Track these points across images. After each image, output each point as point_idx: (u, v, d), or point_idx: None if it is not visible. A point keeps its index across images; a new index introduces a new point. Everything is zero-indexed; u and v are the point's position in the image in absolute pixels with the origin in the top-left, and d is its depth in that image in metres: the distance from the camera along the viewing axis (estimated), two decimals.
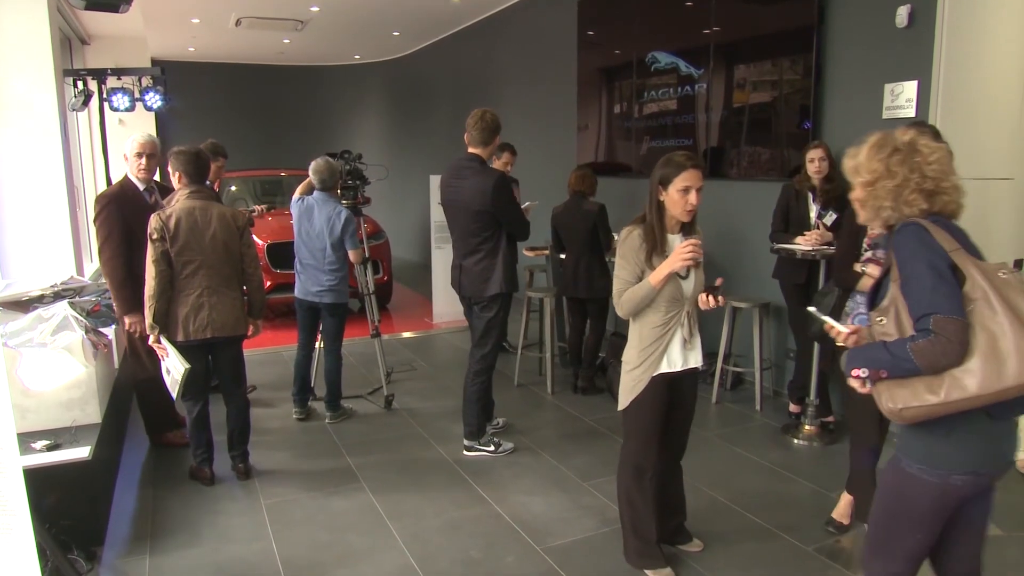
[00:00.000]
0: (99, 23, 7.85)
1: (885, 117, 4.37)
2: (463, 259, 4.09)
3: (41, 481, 2.69)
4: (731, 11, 5.41)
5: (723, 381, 5.19)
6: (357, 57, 13.17)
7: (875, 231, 2.73)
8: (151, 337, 3.61)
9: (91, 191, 7.76)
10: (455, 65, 10.40)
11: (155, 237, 3.54)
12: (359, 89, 13.91)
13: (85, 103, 6.06)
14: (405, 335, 7.26)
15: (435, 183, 6.32)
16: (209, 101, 13.07)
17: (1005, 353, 1.72)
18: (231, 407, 3.93)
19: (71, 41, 7.68)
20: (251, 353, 5.50)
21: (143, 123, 8.62)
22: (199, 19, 9.35)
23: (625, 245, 2.76)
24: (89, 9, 4.66)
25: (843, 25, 4.59)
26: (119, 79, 6.52)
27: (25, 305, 3.55)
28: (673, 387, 2.85)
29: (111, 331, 4.16)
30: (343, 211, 4.54)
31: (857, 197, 2.00)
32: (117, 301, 3.93)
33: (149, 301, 3.55)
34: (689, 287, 2.76)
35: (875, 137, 1.97)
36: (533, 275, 6.35)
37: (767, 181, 5.02)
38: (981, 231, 2.15)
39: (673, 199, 2.68)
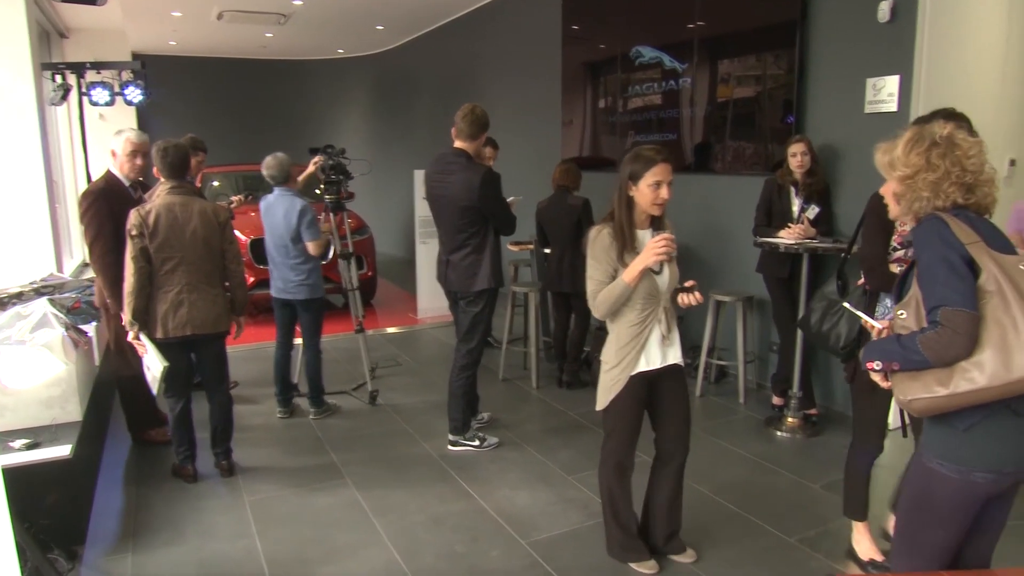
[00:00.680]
0: (78, 16, 7.76)
1: (867, 112, 4.40)
2: (450, 254, 4.08)
3: (22, 480, 2.66)
4: (715, 6, 5.42)
5: (707, 375, 5.22)
6: (341, 51, 13.10)
7: (906, 228, 2.68)
8: (130, 334, 3.58)
9: (71, 186, 7.68)
10: (439, 60, 10.36)
11: (134, 233, 3.50)
12: (343, 84, 13.84)
13: (64, 97, 5.99)
14: (390, 330, 7.24)
15: (419, 178, 6.29)
16: (191, 96, 12.96)
17: (1015, 346, 1.71)
18: (214, 404, 3.90)
19: (49, 34, 7.58)
20: (234, 349, 5.46)
21: (124, 118, 8.54)
22: (180, 12, 9.26)
23: (596, 245, 2.73)
24: (66, 1, 4.61)
25: (826, 20, 4.61)
26: (98, 73, 6.45)
27: (3, 302, 3.51)
28: (653, 385, 2.84)
29: (91, 328, 4.12)
30: (299, 203, 4.48)
31: (894, 191, 1.99)
32: (112, 299, 3.87)
33: (128, 298, 3.52)
34: (664, 282, 2.74)
35: (911, 131, 1.95)
36: (518, 270, 6.34)
37: (752, 175, 5.04)
38: None
39: (644, 194, 2.67)
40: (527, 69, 7.94)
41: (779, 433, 4.44)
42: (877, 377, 1.95)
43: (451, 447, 4.23)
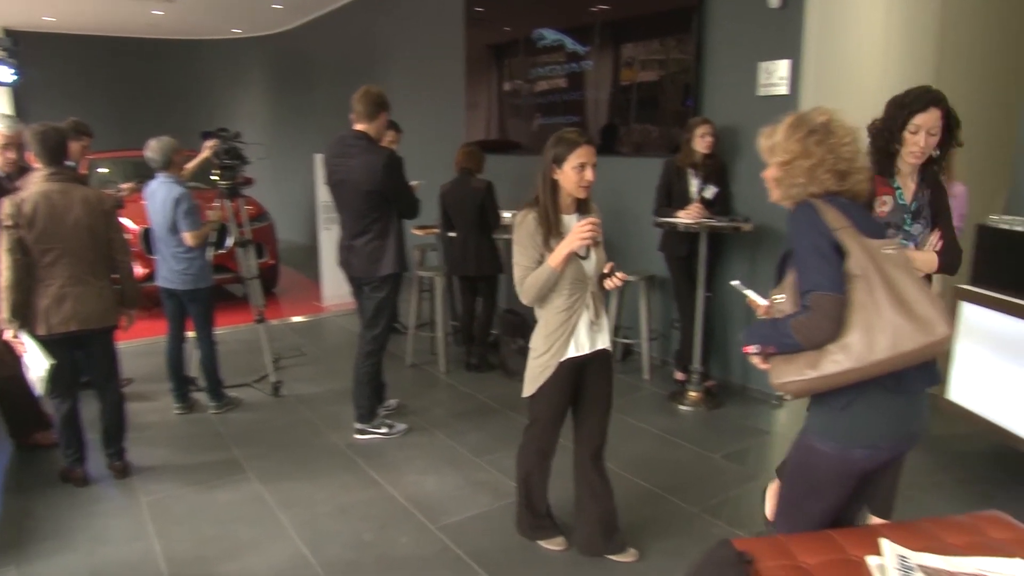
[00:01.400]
0: None
1: (760, 95, 4.55)
2: (352, 239, 3.99)
3: None
4: None
5: (613, 353, 5.31)
6: (237, 31, 12.58)
7: (884, 209, 2.66)
8: (7, 332, 3.34)
9: None
10: (340, 41, 10.10)
11: (8, 224, 3.26)
12: (240, 65, 13.30)
13: None
14: (294, 319, 7.05)
15: (321, 162, 6.12)
16: (74, 76, 12.20)
17: (877, 327, 1.78)
18: (104, 403, 3.70)
19: None
20: (127, 345, 5.22)
21: None
22: None
23: (521, 230, 2.69)
24: None
25: (721, 6, 4.74)
26: None
27: None
28: (582, 370, 2.82)
29: None
30: (176, 191, 4.26)
31: (772, 175, 2.03)
32: None
33: (4, 293, 3.28)
34: (591, 267, 2.73)
35: (791, 117, 2.00)
36: (424, 254, 6.28)
37: (656, 157, 5.13)
38: None
39: (568, 176, 2.64)
40: (430, 51, 7.84)
41: (682, 407, 4.58)
42: (756, 360, 2.00)
43: (358, 436, 4.16)
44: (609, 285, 2.74)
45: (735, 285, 2.32)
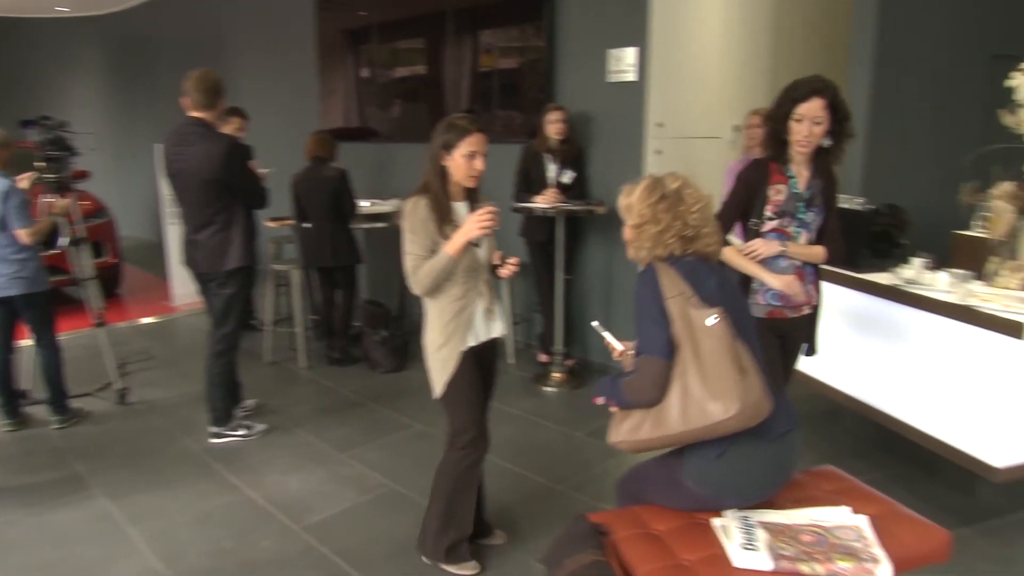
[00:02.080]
0: None
1: (609, 81, 4.68)
2: (196, 233, 3.77)
3: None
4: None
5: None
6: (64, 10, 11.53)
7: (780, 197, 2.68)
8: None
9: None
10: (183, 23, 9.49)
11: None
12: (69, 47, 12.20)
13: None
14: (142, 321, 6.60)
15: (160, 153, 5.75)
16: None
17: (686, 398, 1.86)
18: None
19: None
20: None
21: None
22: None
23: (413, 217, 2.56)
24: None
25: None
26: None
27: None
28: (479, 360, 2.73)
29: None
30: (4, 183, 3.91)
31: (627, 237, 2.10)
32: None
33: None
34: (483, 255, 2.67)
35: (648, 180, 2.06)
36: (280, 247, 6.05)
37: (516, 143, 5.15)
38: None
39: (458, 164, 2.56)
40: (280, 35, 7.52)
41: (546, 388, 4.67)
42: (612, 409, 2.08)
43: (214, 440, 3.96)
44: (505, 273, 2.72)
45: (595, 326, 2.39)
